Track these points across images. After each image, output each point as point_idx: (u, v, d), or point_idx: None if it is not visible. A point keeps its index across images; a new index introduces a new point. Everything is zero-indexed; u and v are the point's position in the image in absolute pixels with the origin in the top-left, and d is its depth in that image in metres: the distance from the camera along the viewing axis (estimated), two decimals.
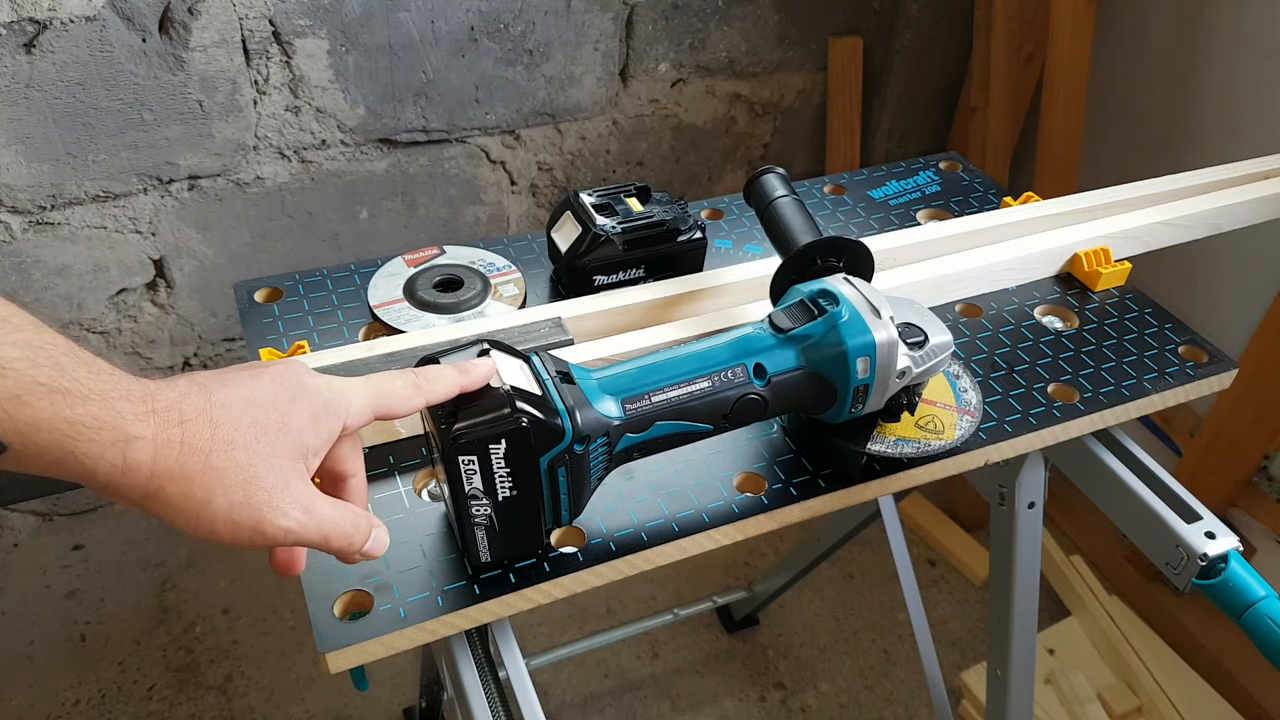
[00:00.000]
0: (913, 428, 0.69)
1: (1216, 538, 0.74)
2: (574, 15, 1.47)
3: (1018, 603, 0.91)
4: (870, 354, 0.62)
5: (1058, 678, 1.50)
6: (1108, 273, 0.88)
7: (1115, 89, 1.57)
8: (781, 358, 0.62)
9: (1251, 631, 0.72)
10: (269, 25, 1.31)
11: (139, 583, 1.61)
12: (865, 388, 0.63)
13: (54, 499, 1.61)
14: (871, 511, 1.25)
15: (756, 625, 1.63)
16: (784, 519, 0.67)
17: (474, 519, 0.57)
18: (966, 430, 0.69)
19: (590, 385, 0.58)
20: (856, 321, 0.62)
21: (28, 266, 1.36)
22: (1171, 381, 0.79)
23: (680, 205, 0.86)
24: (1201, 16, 1.41)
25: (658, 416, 0.59)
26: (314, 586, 0.60)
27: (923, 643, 1.25)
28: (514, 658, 0.67)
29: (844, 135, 1.79)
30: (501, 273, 0.85)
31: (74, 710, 1.44)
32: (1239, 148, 1.39)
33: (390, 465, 0.69)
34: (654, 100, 1.63)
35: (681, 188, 1.77)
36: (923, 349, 0.64)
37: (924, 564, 1.75)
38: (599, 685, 1.53)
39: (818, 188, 1.03)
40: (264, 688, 1.48)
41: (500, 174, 1.59)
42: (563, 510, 0.60)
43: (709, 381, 0.60)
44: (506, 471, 0.55)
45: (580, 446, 0.56)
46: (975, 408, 0.71)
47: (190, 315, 1.51)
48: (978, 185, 1.04)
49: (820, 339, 0.62)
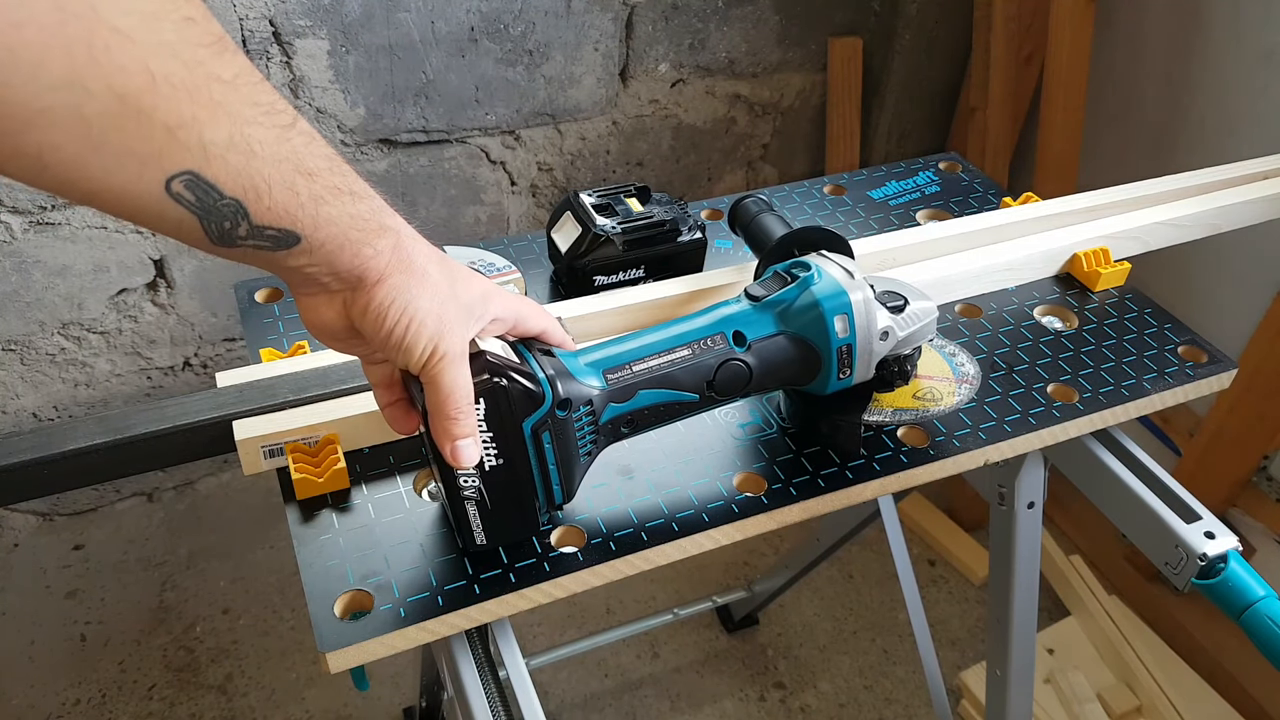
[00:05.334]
0: (910, 398, 0.69)
1: (1216, 538, 0.74)
2: (574, 16, 1.47)
3: (1017, 603, 0.91)
4: (847, 311, 0.62)
5: (1057, 678, 1.50)
6: (1107, 273, 0.88)
7: (1114, 89, 1.57)
8: (760, 324, 0.63)
9: (1251, 631, 0.72)
10: (269, 25, 1.31)
11: (139, 583, 1.61)
12: (848, 349, 0.63)
13: (54, 499, 1.61)
14: (871, 511, 1.25)
15: (756, 625, 1.63)
16: (784, 519, 0.67)
17: (463, 492, 0.57)
18: (966, 396, 0.70)
19: (573, 360, 0.59)
20: (830, 283, 0.63)
21: (28, 266, 1.36)
22: (1171, 381, 0.79)
23: (680, 205, 0.86)
24: (1199, 17, 1.41)
25: (640, 386, 0.60)
26: (314, 586, 0.60)
27: (922, 643, 1.25)
28: (514, 658, 0.67)
29: (844, 135, 1.79)
30: (501, 273, 0.85)
31: (74, 710, 1.44)
32: (1237, 148, 1.39)
33: (390, 465, 0.69)
34: (654, 100, 1.63)
35: (681, 188, 1.77)
36: (904, 312, 0.65)
37: (924, 564, 1.75)
38: (599, 685, 1.53)
39: (818, 188, 1.03)
40: (264, 688, 1.49)
41: (500, 174, 1.59)
42: (554, 486, 0.60)
43: (689, 350, 0.61)
44: (490, 436, 0.56)
45: (562, 412, 0.57)
46: (974, 377, 0.72)
47: (190, 315, 1.51)
48: (977, 185, 1.04)
49: (795, 301, 0.63)
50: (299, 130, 0.43)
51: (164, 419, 0.66)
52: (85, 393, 1.52)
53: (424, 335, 0.50)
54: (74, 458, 0.63)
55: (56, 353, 1.46)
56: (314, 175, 0.43)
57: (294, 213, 0.43)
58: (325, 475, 0.65)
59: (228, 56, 0.39)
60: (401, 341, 0.50)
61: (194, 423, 0.66)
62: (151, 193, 0.39)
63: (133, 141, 0.37)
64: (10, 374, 1.45)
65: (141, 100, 0.36)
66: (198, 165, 0.39)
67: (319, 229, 0.45)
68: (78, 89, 0.34)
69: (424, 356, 0.51)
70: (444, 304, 0.51)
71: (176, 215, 0.40)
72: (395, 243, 0.49)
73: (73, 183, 0.37)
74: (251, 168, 0.41)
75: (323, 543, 0.63)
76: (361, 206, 0.46)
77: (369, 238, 0.47)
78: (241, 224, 0.42)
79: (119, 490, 1.66)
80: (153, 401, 0.67)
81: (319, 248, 0.45)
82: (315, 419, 0.67)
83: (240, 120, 0.40)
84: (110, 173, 0.37)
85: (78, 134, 0.35)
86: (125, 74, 0.35)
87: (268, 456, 0.67)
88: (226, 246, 0.43)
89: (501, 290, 0.57)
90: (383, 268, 0.48)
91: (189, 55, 0.37)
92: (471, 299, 0.53)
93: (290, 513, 0.65)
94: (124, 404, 1.55)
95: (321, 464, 0.66)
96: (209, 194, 0.40)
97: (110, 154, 0.36)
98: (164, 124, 0.37)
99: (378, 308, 0.49)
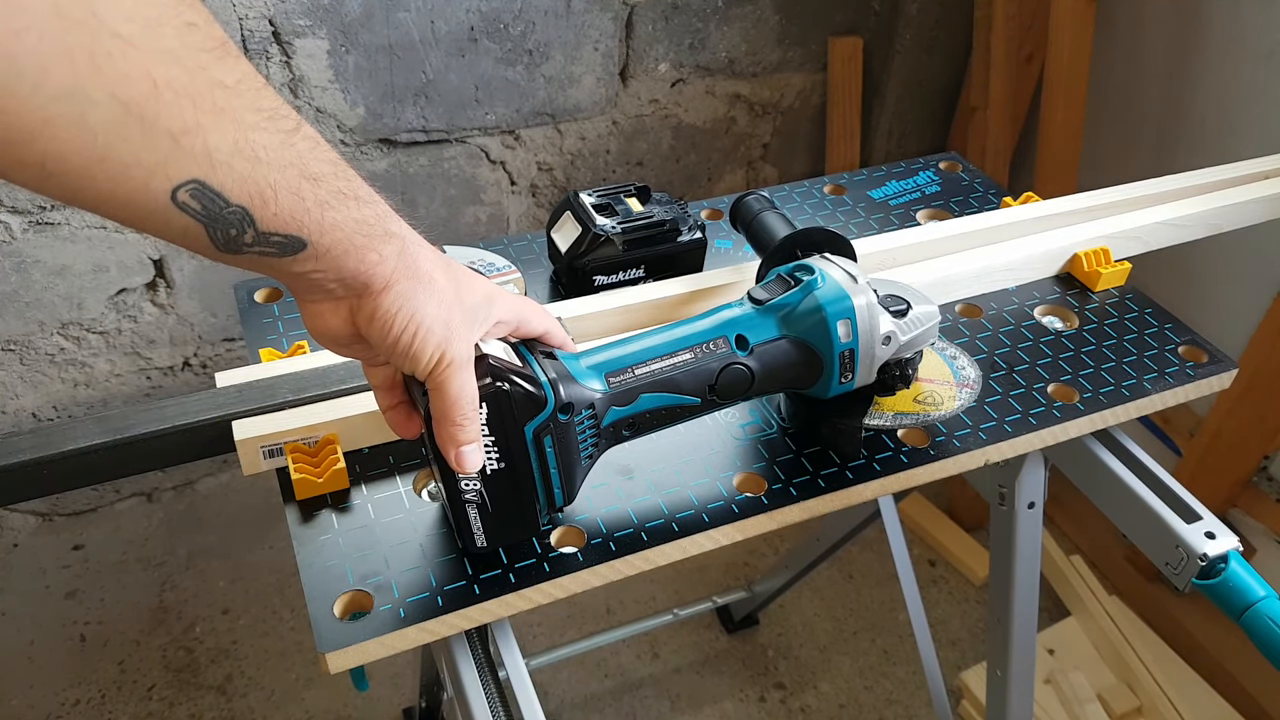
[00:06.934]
0: (911, 402, 0.69)
1: (1216, 538, 0.74)
2: (574, 15, 1.47)
3: (1018, 603, 0.91)
4: (850, 317, 0.62)
5: (1058, 678, 1.50)
6: (1107, 273, 0.88)
7: (1115, 89, 1.57)
8: (762, 328, 0.63)
9: (1251, 631, 0.72)
10: (269, 25, 1.31)
11: (139, 583, 1.61)
12: (850, 353, 0.63)
13: (54, 499, 1.61)
14: (871, 511, 1.25)
15: (756, 625, 1.63)
16: (784, 519, 0.67)
17: (464, 494, 0.57)
18: (967, 400, 0.70)
19: (574, 363, 0.59)
20: (834, 287, 0.63)
21: (28, 266, 1.36)
22: (1171, 381, 0.79)
23: (680, 205, 0.86)
24: (1200, 17, 1.41)
25: (642, 389, 0.60)
26: (314, 587, 0.60)
27: (922, 643, 1.25)
28: (514, 658, 0.67)
29: (844, 135, 1.79)
30: (501, 273, 0.85)
31: (74, 710, 1.44)
32: (1237, 148, 1.39)
33: (390, 465, 0.69)
34: (654, 100, 1.63)
35: (681, 188, 1.77)
36: (906, 316, 0.65)
37: (924, 564, 1.75)
38: (599, 685, 1.53)
39: (818, 188, 1.03)
40: (264, 688, 1.48)
41: (500, 174, 1.59)
42: (555, 488, 0.60)
43: (691, 354, 0.61)
44: (491, 441, 0.55)
45: (564, 416, 0.57)
46: (975, 381, 0.71)
47: (190, 315, 1.51)
48: (977, 185, 1.04)
49: (798, 305, 0.63)
50: (303, 135, 0.43)
51: (163, 419, 0.66)
52: (85, 393, 1.52)
53: (431, 342, 0.50)
54: (74, 458, 0.63)
55: (56, 353, 1.46)
56: (319, 180, 0.43)
57: (300, 218, 0.43)
58: (325, 475, 0.65)
59: (230, 62, 0.39)
60: (409, 349, 0.50)
61: (193, 423, 0.66)
62: (158, 202, 0.38)
63: (137, 150, 0.36)
64: (10, 374, 1.45)
65: (145, 107, 0.36)
66: (203, 173, 0.39)
67: (325, 234, 0.44)
68: (80, 97, 0.34)
69: (431, 363, 0.51)
70: (450, 309, 0.51)
71: (182, 224, 0.40)
72: (401, 249, 0.49)
73: (78, 191, 0.37)
74: (256, 174, 0.40)
75: (322, 543, 0.63)
76: (367, 211, 0.46)
77: (374, 243, 0.47)
78: (248, 231, 0.42)
79: (118, 490, 1.65)
80: (152, 401, 0.67)
81: (325, 253, 0.45)
82: (315, 419, 0.67)
83: (244, 126, 0.39)
84: (116, 182, 0.37)
85: (82, 144, 0.35)
86: (128, 81, 0.35)
87: (267, 457, 0.67)
88: (232, 254, 0.43)
89: (504, 292, 0.57)
90: (388, 274, 0.48)
91: (191, 61, 0.37)
92: (475, 302, 0.53)
93: (290, 513, 0.65)
94: (123, 404, 1.55)
95: (321, 464, 0.66)
96: (215, 201, 0.40)
97: (116, 163, 0.36)
98: (168, 131, 0.37)
99: (384, 314, 0.49)
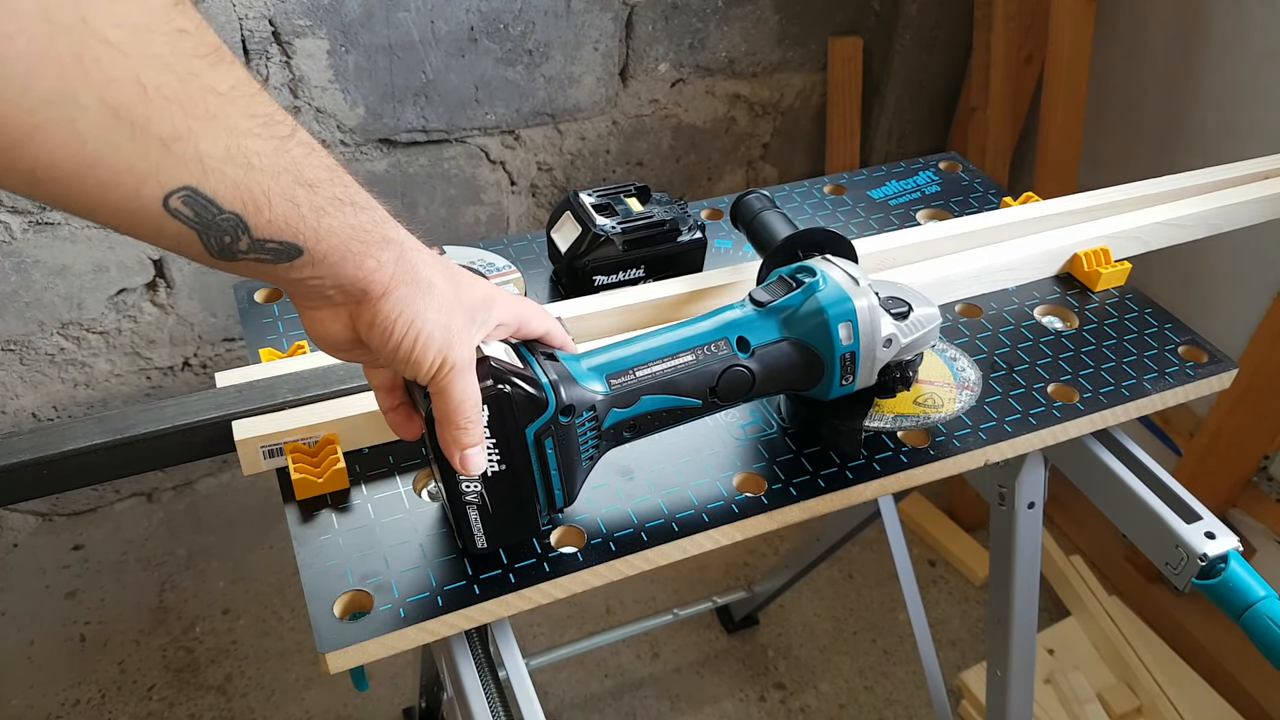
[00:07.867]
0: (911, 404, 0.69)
1: (1216, 538, 0.74)
2: (574, 15, 1.47)
3: (1018, 603, 0.91)
4: (851, 319, 0.62)
5: (1058, 678, 1.50)
6: (1107, 273, 0.88)
7: (1115, 89, 1.57)
8: (764, 330, 0.63)
9: (1251, 631, 0.72)
10: (269, 25, 1.31)
11: (139, 583, 1.61)
12: (852, 356, 0.63)
13: (53, 499, 1.61)
14: (871, 511, 1.25)
15: (756, 625, 1.63)
16: (784, 519, 0.67)
17: (464, 496, 0.57)
18: (967, 402, 0.70)
19: (575, 364, 0.59)
20: (835, 290, 0.63)
21: (28, 266, 1.36)
22: (1171, 381, 0.79)
23: (680, 205, 0.86)
24: (1200, 17, 1.41)
25: (643, 391, 0.60)
26: (314, 587, 0.60)
27: (922, 643, 1.25)
28: (514, 658, 0.67)
29: (844, 135, 1.79)
30: (501, 273, 0.85)
31: (74, 710, 1.44)
32: (1238, 148, 1.39)
33: (390, 465, 0.69)
34: (654, 100, 1.63)
35: (681, 188, 1.77)
36: (907, 319, 0.65)
37: (924, 564, 1.75)
38: (599, 685, 1.53)
39: (818, 188, 1.03)
40: (264, 688, 1.48)
41: (500, 174, 1.59)
42: (555, 490, 0.60)
43: (692, 355, 0.61)
44: (492, 442, 0.55)
45: (565, 418, 0.57)
46: (975, 383, 0.72)
47: (190, 315, 1.51)
48: (977, 185, 1.04)
49: (800, 308, 0.63)
50: (298, 141, 0.43)
51: (163, 419, 0.66)
52: (84, 393, 1.52)
53: (432, 347, 0.50)
54: (74, 458, 0.63)
55: (56, 353, 1.46)
56: (314, 186, 0.43)
57: (295, 225, 0.43)
58: (325, 475, 0.65)
59: (223, 68, 0.39)
60: (410, 354, 0.50)
61: (193, 423, 0.66)
62: (149, 208, 0.38)
63: (128, 157, 0.36)
64: (10, 374, 1.45)
65: (134, 113, 0.36)
66: (195, 180, 0.38)
67: (321, 241, 0.44)
68: (70, 103, 0.34)
69: (433, 368, 0.50)
70: (450, 314, 0.51)
71: (175, 230, 0.40)
72: (399, 254, 0.48)
73: (69, 198, 0.37)
74: (250, 180, 0.40)
75: (322, 543, 0.63)
76: (363, 217, 0.46)
77: (372, 249, 0.47)
78: (242, 238, 0.41)
79: (118, 490, 1.65)
80: (152, 402, 0.67)
81: (321, 260, 0.45)
82: (315, 419, 0.67)
83: (237, 132, 0.39)
84: (107, 189, 0.37)
85: (72, 150, 0.35)
86: (117, 86, 0.35)
87: (267, 457, 0.67)
88: (227, 260, 0.42)
89: (504, 293, 0.57)
90: (387, 280, 0.48)
91: (182, 67, 0.37)
92: (475, 304, 0.53)
93: (290, 513, 0.65)
94: (123, 404, 1.55)
95: (321, 464, 0.66)
96: (207, 209, 0.40)
97: (106, 169, 0.36)
98: (158, 137, 0.37)
99: (384, 321, 0.49)
